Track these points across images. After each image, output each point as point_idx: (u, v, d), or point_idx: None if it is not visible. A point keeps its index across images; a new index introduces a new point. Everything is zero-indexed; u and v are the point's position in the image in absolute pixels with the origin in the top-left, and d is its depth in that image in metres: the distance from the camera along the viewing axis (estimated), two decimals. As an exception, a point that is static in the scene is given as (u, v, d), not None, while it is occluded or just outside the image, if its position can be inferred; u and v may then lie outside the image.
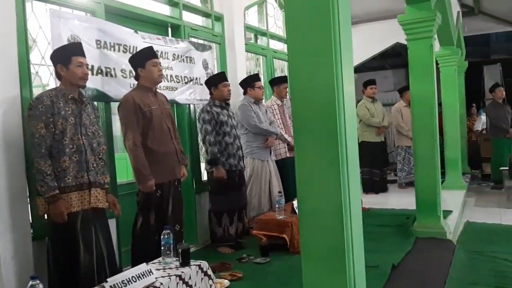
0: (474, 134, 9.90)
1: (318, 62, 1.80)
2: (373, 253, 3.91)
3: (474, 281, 3.46)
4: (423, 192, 4.46)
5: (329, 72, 1.76)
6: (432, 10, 4.30)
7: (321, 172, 1.83)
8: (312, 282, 1.88)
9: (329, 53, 1.76)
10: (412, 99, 4.54)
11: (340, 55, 1.78)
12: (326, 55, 1.77)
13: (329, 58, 1.76)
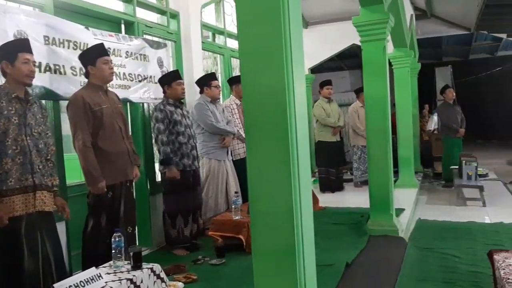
0: (426, 133, 10.25)
1: (269, 63, 1.78)
2: (328, 252, 3.97)
3: (424, 277, 3.56)
4: (377, 191, 4.56)
5: (280, 73, 1.75)
6: (385, 12, 4.40)
7: (272, 173, 1.82)
8: (263, 282, 1.87)
9: (280, 54, 1.75)
10: (366, 100, 4.63)
11: (291, 56, 1.77)
12: (277, 56, 1.75)
13: (280, 58, 1.75)
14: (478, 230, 4.89)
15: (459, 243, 4.43)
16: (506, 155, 12.74)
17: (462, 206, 6.23)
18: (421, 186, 7.83)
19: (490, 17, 9.22)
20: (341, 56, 11.72)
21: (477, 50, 14.06)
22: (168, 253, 4.29)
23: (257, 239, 1.88)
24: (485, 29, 10.86)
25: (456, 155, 7.40)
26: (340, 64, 14.04)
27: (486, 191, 6.73)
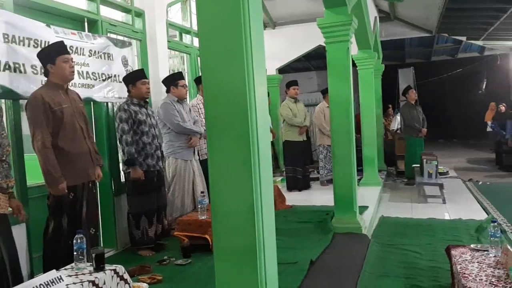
0: (390, 133, 10.50)
1: (230, 63, 1.80)
2: (293, 250, 4.03)
3: (385, 273, 3.66)
4: (341, 189, 4.65)
5: (241, 73, 1.77)
6: (349, 14, 4.49)
7: (233, 172, 1.83)
8: (224, 282, 1.88)
9: (240, 54, 1.77)
10: (330, 100, 4.71)
11: (252, 56, 1.79)
12: (237, 56, 1.77)
13: (240, 58, 1.77)
14: (438, 227, 5.06)
15: (420, 239, 4.58)
16: (466, 154, 13.23)
17: (423, 203, 6.43)
18: (385, 184, 8.03)
19: (451, 21, 9.53)
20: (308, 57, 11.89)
21: (439, 52, 14.49)
22: (133, 254, 4.24)
23: (218, 239, 1.89)
24: (446, 32, 11.21)
25: (418, 154, 7.63)
26: (307, 65, 14.23)
27: (446, 188, 6.97)
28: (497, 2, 7.83)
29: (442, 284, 3.36)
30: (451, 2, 7.68)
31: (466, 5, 8.28)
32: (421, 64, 15.21)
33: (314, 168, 8.94)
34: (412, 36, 11.24)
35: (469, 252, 3.08)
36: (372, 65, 7.61)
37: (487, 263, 2.84)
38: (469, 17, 9.34)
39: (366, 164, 7.52)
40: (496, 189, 7.48)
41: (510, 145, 9.25)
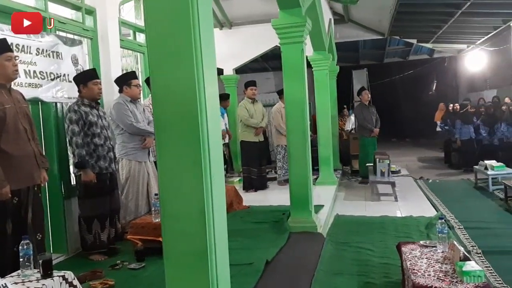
0: (345, 133, 10.72)
1: (178, 63, 1.76)
2: (249, 250, 4.02)
3: (339, 271, 3.72)
4: (296, 189, 4.69)
5: (190, 73, 1.74)
6: (303, 16, 4.53)
7: (183, 174, 1.80)
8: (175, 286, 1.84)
9: (189, 54, 1.74)
10: (285, 101, 4.74)
11: (201, 56, 1.76)
12: (186, 55, 1.74)
13: (190, 59, 1.74)
14: (390, 224, 5.20)
15: (373, 237, 4.69)
16: (417, 153, 13.71)
17: (376, 201, 6.60)
18: (340, 183, 8.18)
19: (402, 24, 9.87)
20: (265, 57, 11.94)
21: (391, 54, 14.95)
22: (85, 259, 4.10)
23: (168, 242, 1.85)
24: (398, 35, 11.60)
25: (371, 153, 7.81)
26: (265, 65, 14.29)
27: (398, 186, 7.19)
28: (445, 7, 8.17)
29: (393, 280, 3.45)
30: (402, 6, 7.94)
31: (416, 9, 8.59)
32: (375, 66, 15.62)
33: (272, 168, 8.99)
34: (365, 38, 11.53)
35: (418, 248, 3.18)
36: (327, 66, 7.74)
37: (435, 258, 2.94)
38: (419, 20, 9.70)
39: (322, 164, 7.63)
40: (445, 187, 7.79)
41: (458, 144, 9.65)
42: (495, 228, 4.95)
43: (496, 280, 3.45)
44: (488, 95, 12.61)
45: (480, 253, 4.09)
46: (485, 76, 13.62)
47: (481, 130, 9.45)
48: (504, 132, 9.23)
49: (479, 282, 2.50)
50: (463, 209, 5.91)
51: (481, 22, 9.32)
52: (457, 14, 8.16)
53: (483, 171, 7.24)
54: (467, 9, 7.73)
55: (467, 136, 9.44)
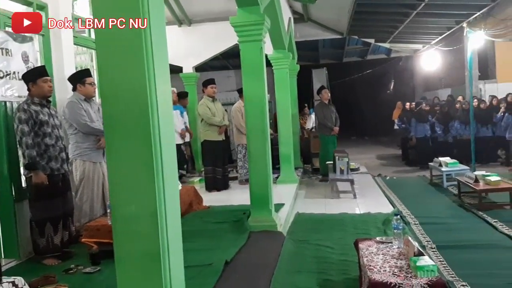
0: (306, 131, 10.83)
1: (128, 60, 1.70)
2: (208, 251, 3.97)
3: (299, 269, 3.74)
4: (257, 188, 4.67)
5: (140, 70, 1.68)
6: (261, 14, 4.51)
7: (134, 174, 1.74)
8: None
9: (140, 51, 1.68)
10: (245, 99, 4.71)
11: (152, 53, 1.70)
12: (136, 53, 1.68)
13: (140, 55, 1.68)
14: (349, 221, 5.28)
15: (332, 234, 4.75)
16: (376, 150, 14.04)
17: (336, 199, 6.69)
18: (301, 181, 8.25)
19: (360, 23, 10.05)
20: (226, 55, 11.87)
21: (350, 53, 15.22)
22: (37, 264, 3.93)
23: (120, 244, 1.79)
24: (356, 34, 11.81)
25: (331, 151, 7.91)
26: (225, 63, 14.23)
27: (357, 184, 7.33)
28: (401, 7, 8.38)
29: (352, 276, 3.50)
30: (359, 6, 8.07)
31: (373, 9, 8.76)
32: (334, 65, 15.86)
33: (233, 167, 8.95)
34: (325, 37, 11.67)
35: (375, 245, 3.23)
36: (287, 65, 7.77)
37: (390, 254, 3.00)
38: (376, 20, 9.91)
39: (283, 162, 7.66)
40: (401, 183, 7.99)
41: (414, 142, 9.93)
42: (448, 223, 5.11)
43: (450, 273, 3.55)
44: (443, 94, 13.08)
45: (434, 248, 4.20)
46: (440, 76, 14.10)
47: (436, 128, 9.76)
48: (458, 130, 9.58)
49: (432, 276, 2.57)
50: (419, 205, 6.08)
51: (435, 22, 9.62)
52: (412, 14, 8.38)
53: (437, 168, 7.47)
54: (422, 10, 7.96)
55: (423, 134, 9.73)
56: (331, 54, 15.32)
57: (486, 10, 7.39)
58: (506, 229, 4.61)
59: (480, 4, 7.41)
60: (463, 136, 9.43)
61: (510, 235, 4.42)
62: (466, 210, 5.61)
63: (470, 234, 4.60)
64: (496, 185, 5.64)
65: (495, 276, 3.45)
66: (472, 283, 3.29)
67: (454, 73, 12.75)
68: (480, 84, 11.65)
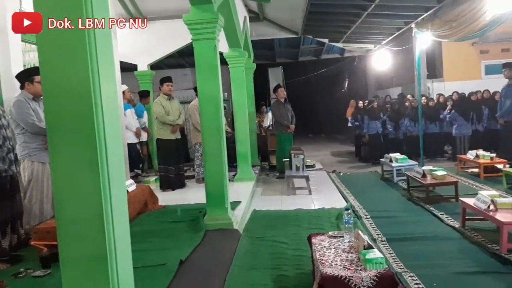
0: (263, 129, 10.92)
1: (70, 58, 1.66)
2: (163, 251, 3.94)
3: (254, 266, 3.77)
4: (212, 186, 4.68)
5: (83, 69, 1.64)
6: (215, 12, 4.50)
7: (78, 175, 1.70)
8: (73, 294, 1.75)
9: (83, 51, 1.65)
10: (199, 98, 4.71)
11: (96, 51, 1.67)
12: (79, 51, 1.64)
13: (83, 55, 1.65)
14: (303, 217, 5.37)
15: (287, 230, 4.81)
16: (332, 147, 14.33)
17: (292, 195, 6.79)
18: (258, 179, 8.31)
19: (314, 23, 10.22)
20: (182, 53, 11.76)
21: (305, 53, 15.44)
22: (-15, 269, 3.78)
23: (64, 247, 1.74)
24: (310, 34, 12.00)
25: (288, 149, 8.02)
26: (182, 61, 14.08)
27: (313, 180, 7.47)
28: (353, 8, 8.59)
29: (305, 271, 3.57)
30: (313, 6, 8.21)
31: (326, 9, 8.93)
32: (290, 64, 16.05)
33: (190, 166, 8.89)
34: (280, 36, 11.79)
35: (327, 239, 3.31)
36: (243, 63, 7.80)
37: (342, 248, 3.09)
38: (329, 20, 10.11)
39: (240, 160, 7.70)
40: (354, 179, 8.21)
41: (367, 139, 10.22)
42: (398, 216, 5.30)
43: (398, 265, 3.69)
44: (394, 92, 13.52)
45: (384, 241, 4.35)
46: (391, 75, 14.56)
47: (387, 125, 10.10)
48: (408, 127, 9.96)
49: (381, 268, 2.66)
50: (371, 199, 6.27)
51: (385, 23, 9.92)
52: (363, 15, 8.60)
53: (388, 163, 7.73)
54: (373, 10, 8.18)
55: (374, 131, 10.04)
56: (287, 53, 15.49)
57: (433, 12, 7.69)
58: (451, 221, 4.84)
59: (427, 5, 7.71)
60: (412, 132, 9.81)
61: (454, 227, 4.64)
62: (415, 204, 5.83)
63: (418, 226, 4.79)
64: (442, 179, 5.91)
65: (440, 266, 3.62)
66: (418, 273, 3.44)
67: (404, 72, 13.21)
68: (428, 82, 12.15)
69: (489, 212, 4.02)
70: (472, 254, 3.89)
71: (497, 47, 12.00)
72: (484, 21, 6.00)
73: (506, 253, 3.72)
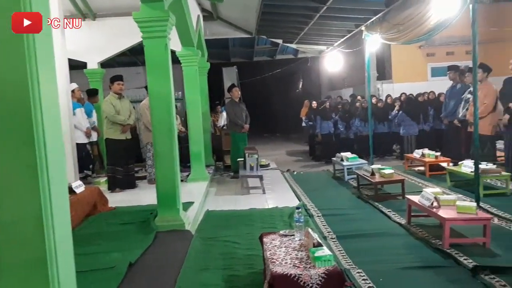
0: (218, 129, 10.88)
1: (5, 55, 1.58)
2: (112, 254, 3.85)
3: (206, 266, 3.74)
4: (163, 187, 4.61)
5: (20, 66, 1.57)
6: (165, 10, 4.44)
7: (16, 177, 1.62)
8: (10, 301, 1.67)
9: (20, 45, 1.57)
10: (150, 97, 4.63)
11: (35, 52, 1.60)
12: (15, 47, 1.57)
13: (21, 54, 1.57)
14: (257, 216, 5.39)
15: (240, 230, 4.81)
16: (287, 147, 14.48)
17: (246, 195, 6.81)
18: (212, 179, 8.27)
19: (267, 24, 10.29)
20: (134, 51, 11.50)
21: (260, 53, 15.52)
22: None
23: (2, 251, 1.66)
24: (264, 34, 12.08)
25: (242, 148, 8.03)
26: (134, 60, 13.79)
27: (267, 179, 7.52)
28: (305, 10, 8.72)
29: (257, 270, 3.58)
30: (266, 6, 8.27)
31: (279, 10, 9.01)
32: (245, 64, 16.09)
33: (142, 166, 8.72)
34: (234, 36, 11.78)
35: (278, 238, 3.34)
36: (196, 62, 7.73)
37: (292, 246, 3.13)
38: (282, 21, 10.21)
39: (193, 160, 7.64)
40: (307, 178, 8.34)
41: (319, 138, 10.41)
42: (348, 214, 5.43)
43: (347, 262, 3.78)
44: (346, 93, 13.86)
45: (334, 238, 4.45)
46: (343, 76, 14.92)
47: (339, 125, 10.34)
48: (358, 127, 10.24)
49: (329, 265, 2.72)
50: (322, 198, 6.38)
51: (337, 25, 10.14)
52: (316, 17, 8.75)
53: (339, 162, 7.91)
54: (324, 13, 8.34)
55: (327, 131, 10.24)
56: (241, 53, 15.51)
57: (381, 15, 7.94)
58: (398, 218, 5.02)
59: (375, 9, 7.95)
60: (362, 132, 10.10)
61: (401, 223, 4.81)
62: (364, 201, 6.00)
63: (367, 223, 4.94)
64: (390, 177, 6.11)
65: (387, 262, 3.74)
66: (366, 269, 3.54)
67: (355, 74, 13.56)
68: (378, 84, 12.54)
69: (433, 209, 4.20)
70: (416, 249, 4.05)
71: (443, 50, 12.58)
72: (429, 25, 6.25)
73: (448, 248, 3.89)
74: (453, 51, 12.36)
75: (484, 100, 6.74)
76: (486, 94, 6.80)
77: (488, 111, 6.81)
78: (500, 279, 3.23)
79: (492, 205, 5.26)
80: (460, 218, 3.97)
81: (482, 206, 5.18)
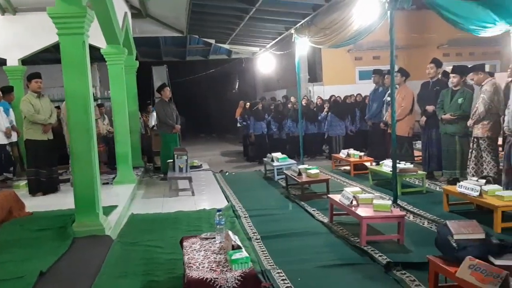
0: (148, 129, 10.61)
1: None
2: (22, 262, 3.64)
3: (124, 273, 3.60)
4: (81, 190, 4.41)
5: None
6: (83, 6, 4.24)
7: None
8: None
9: None
10: (66, 96, 4.42)
11: None
12: None
13: None
14: (183, 219, 5.30)
15: (165, 233, 4.70)
16: (222, 147, 14.45)
17: (175, 197, 6.69)
18: (141, 181, 8.06)
19: (198, 23, 10.19)
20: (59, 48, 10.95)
21: (192, 52, 15.32)
22: None
23: None
24: (196, 34, 11.94)
25: (172, 149, 7.87)
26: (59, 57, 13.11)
27: (198, 181, 7.45)
28: (235, 10, 8.72)
29: (178, 275, 3.50)
30: (195, 6, 8.17)
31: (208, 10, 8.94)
32: (178, 63, 15.83)
33: (66, 168, 8.30)
34: (165, 34, 11.52)
35: (199, 241, 3.30)
36: (122, 60, 7.47)
37: (212, 250, 3.10)
38: (214, 21, 10.16)
39: (120, 162, 7.38)
40: (239, 178, 8.36)
41: (253, 139, 10.48)
42: (275, 214, 5.48)
43: (269, 262, 3.80)
44: (280, 94, 14.06)
45: (259, 239, 4.46)
46: (276, 77, 15.13)
47: (272, 126, 10.47)
48: (290, 128, 10.42)
49: (245, 268, 2.72)
50: (251, 198, 6.40)
51: (268, 27, 10.22)
52: (246, 18, 8.76)
53: (270, 162, 7.99)
54: (254, 14, 8.36)
55: (260, 131, 10.34)
56: (173, 52, 15.24)
57: (310, 19, 8.09)
58: (321, 217, 5.14)
59: (304, 13, 8.10)
60: (294, 133, 10.29)
61: (323, 222, 4.93)
62: (291, 201, 6.09)
63: (292, 223, 5.00)
64: (316, 177, 6.26)
65: (307, 260, 3.80)
66: (286, 269, 3.58)
67: (288, 75, 13.79)
68: (310, 86, 12.84)
69: (352, 208, 4.33)
70: (336, 247, 4.16)
71: (369, 54, 13.13)
72: (352, 30, 6.46)
73: (365, 245, 4.04)
74: (379, 55, 12.90)
75: (402, 103, 7.11)
76: (403, 97, 7.18)
77: (406, 113, 7.18)
78: (410, 274, 3.38)
79: (408, 203, 5.54)
80: (376, 216, 4.13)
81: (400, 203, 5.45)
